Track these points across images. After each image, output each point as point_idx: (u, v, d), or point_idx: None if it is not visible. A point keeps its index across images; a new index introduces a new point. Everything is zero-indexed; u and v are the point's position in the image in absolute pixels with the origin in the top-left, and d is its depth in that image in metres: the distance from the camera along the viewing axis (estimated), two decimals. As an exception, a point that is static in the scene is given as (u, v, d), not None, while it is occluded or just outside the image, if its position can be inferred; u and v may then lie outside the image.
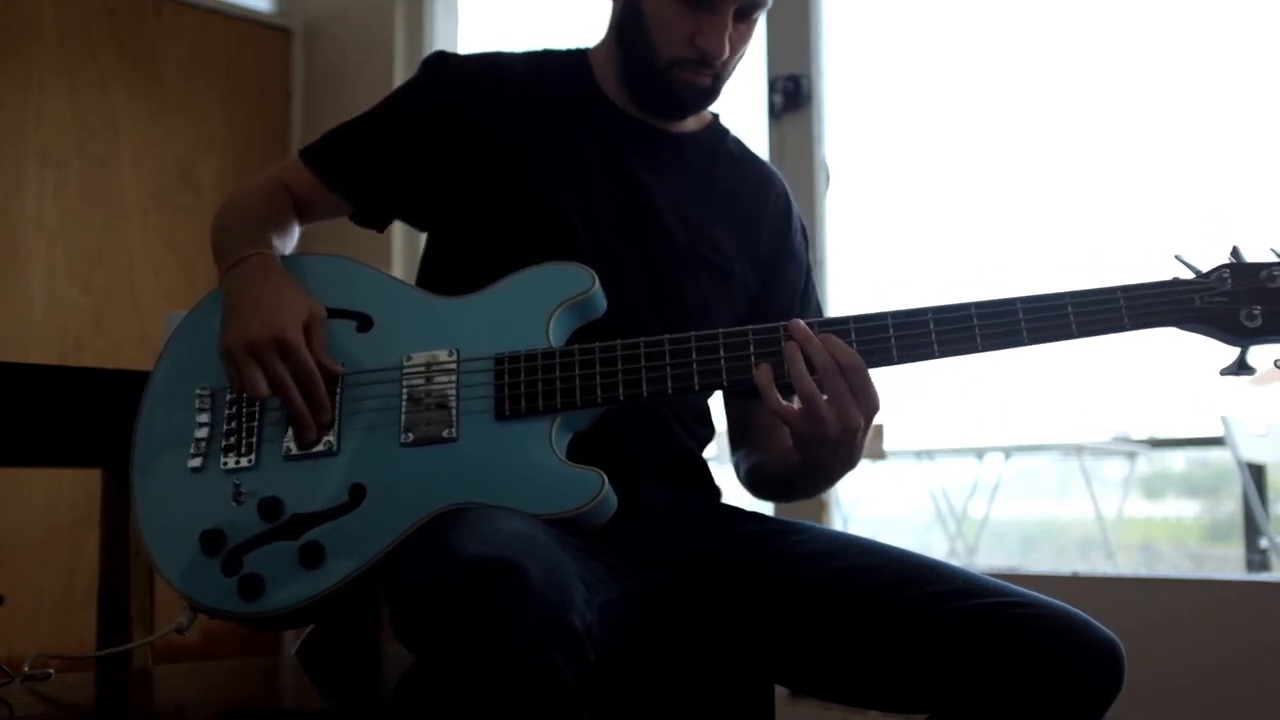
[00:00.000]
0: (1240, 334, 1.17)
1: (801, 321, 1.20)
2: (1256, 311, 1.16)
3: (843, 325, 1.20)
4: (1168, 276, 1.20)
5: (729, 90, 1.44)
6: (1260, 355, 1.18)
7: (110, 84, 3.55)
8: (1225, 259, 1.19)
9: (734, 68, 1.42)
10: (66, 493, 3.27)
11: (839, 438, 1.18)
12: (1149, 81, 3.91)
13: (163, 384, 1.32)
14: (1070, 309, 1.18)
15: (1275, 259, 1.18)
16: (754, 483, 1.49)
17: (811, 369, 1.17)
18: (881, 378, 1.21)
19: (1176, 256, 1.20)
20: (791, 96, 2.85)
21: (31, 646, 1.37)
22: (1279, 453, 4.15)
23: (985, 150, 4.14)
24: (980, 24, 3.94)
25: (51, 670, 1.33)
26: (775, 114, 2.87)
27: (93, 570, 1.63)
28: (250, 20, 3.89)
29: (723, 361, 1.21)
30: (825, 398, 1.17)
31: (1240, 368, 1.18)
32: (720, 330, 1.22)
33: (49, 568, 3.23)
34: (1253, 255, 1.19)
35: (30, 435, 1.57)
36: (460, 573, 0.96)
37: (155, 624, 1.58)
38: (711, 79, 1.39)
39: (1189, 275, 1.19)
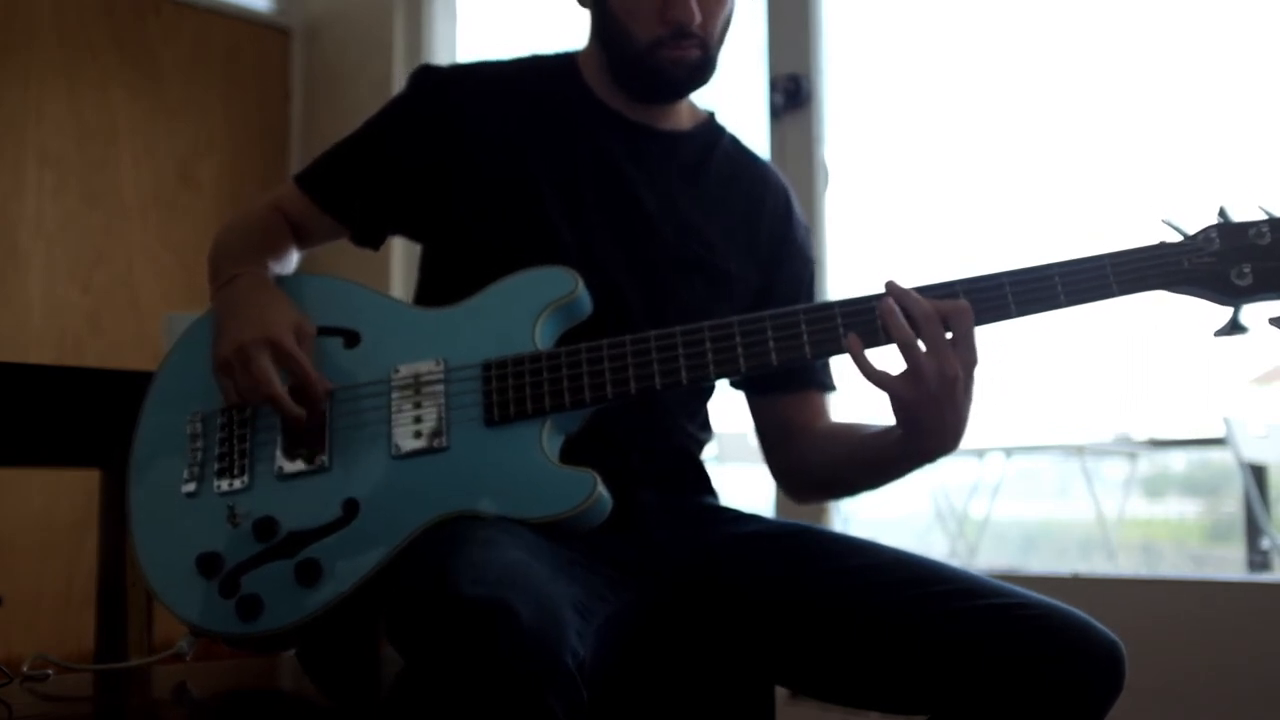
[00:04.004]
0: (1231, 293, 1.15)
1: (894, 279, 1.18)
2: (1246, 270, 1.15)
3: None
4: (1154, 240, 1.18)
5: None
6: (1254, 314, 1.16)
7: (110, 84, 3.54)
8: (1213, 219, 1.18)
9: (720, 35, 1.38)
10: (66, 493, 3.26)
11: (940, 391, 1.15)
12: (1153, 83, 3.90)
13: (155, 414, 1.32)
14: (1058, 279, 1.17)
15: (1263, 216, 1.17)
16: (816, 484, 1.46)
17: (909, 320, 1.16)
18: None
19: (1164, 220, 1.19)
20: (791, 96, 2.84)
21: (30, 647, 1.37)
22: (1280, 453, 4.15)
23: (985, 150, 4.13)
24: (980, 23, 3.93)
25: (50, 671, 1.33)
26: (775, 114, 2.86)
27: (92, 570, 1.63)
28: (250, 20, 3.88)
29: (709, 354, 1.20)
30: (923, 346, 1.15)
31: (1234, 328, 1.16)
32: (706, 324, 1.21)
33: (48, 568, 3.23)
34: (1240, 215, 1.17)
35: (29, 435, 1.57)
36: (450, 618, 0.95)
37: (154, 631, 1.58)
38: (699, 50, 1.35)
39: (1177, 238, 1.18)
